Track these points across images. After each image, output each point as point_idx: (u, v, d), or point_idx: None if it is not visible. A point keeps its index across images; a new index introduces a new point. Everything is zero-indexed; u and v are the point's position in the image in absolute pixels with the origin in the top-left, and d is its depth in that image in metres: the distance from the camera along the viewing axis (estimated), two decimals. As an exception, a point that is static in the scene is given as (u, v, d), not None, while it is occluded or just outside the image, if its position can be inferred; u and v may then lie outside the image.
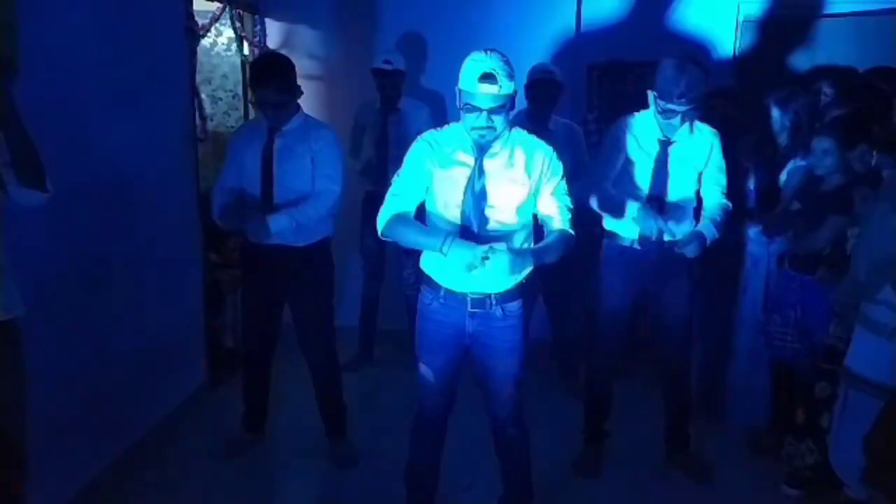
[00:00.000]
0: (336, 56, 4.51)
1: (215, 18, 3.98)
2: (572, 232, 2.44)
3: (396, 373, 4.08)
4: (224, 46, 4.44)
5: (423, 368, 2.56)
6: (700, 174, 3.02)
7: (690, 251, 2.89)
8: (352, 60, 4.46)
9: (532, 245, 2.46)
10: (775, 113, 3.46)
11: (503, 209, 2.38)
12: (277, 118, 3.02)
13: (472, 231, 2.36)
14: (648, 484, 3.19)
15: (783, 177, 3.38)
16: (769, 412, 3.46)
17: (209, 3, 3.97)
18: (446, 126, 2.48)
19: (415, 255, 2.66)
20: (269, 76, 2.95)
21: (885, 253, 2.33)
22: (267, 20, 4.51)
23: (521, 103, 3.61)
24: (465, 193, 2.36)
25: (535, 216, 2.49)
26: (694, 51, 2.98)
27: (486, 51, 2.29)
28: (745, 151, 3.54)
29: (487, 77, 2.23)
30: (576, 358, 3.97)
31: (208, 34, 4.33)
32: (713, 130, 3.02)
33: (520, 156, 2.39)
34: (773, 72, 4.21)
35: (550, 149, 2.43)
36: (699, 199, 3.07)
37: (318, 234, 3.12)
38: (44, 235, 2.57)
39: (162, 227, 3.45)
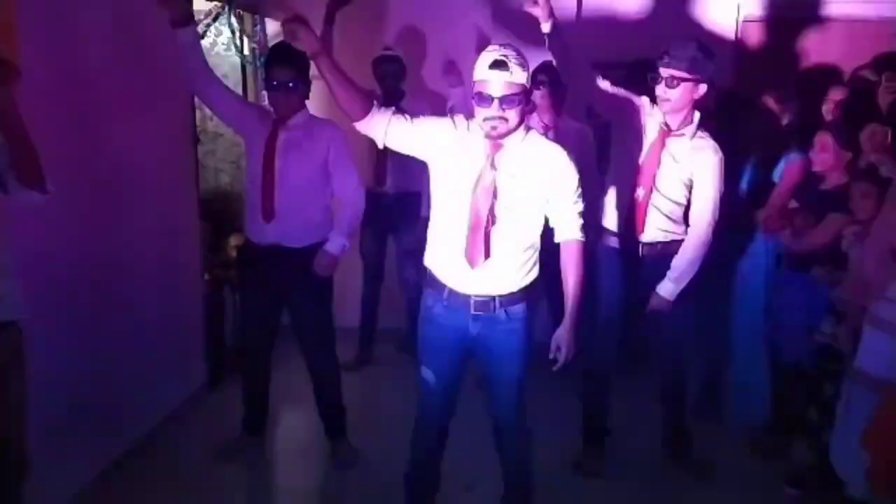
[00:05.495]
0: (336, 56, 4.49)
1: (213, 17, 3.99)
2: (583, 238, 2.45)
3: (396, 373, 4.09)
4: (224, 46, 4.44)
5: (425, 371, 2.56)
6: (688, 185, 2.95)
7: (662, 308, 3.00)
8: (352, 60, 4.43)
9: (538, 244, 2.47)
10: (773, 112, 3.48)
11: (513, 209, 2.37)
12: (286, 102, 3.03)
13: (482, 228, 2.35)
14: (648, 484, 3.19)
15: (777, 172, 3.39)
16: (769, 412, 3.46)
17: (209, 2, 3.97)
18: (473, 118, 2.41)
19: (416, 255, 2.66)
20: (286, 55, 3.00)
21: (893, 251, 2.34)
22: (267, 20, 4.51)
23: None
24: (475, 187, 2.35)
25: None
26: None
27: (500, 44, 2.30)
28: (745, 141, 3.54)
29: (499, 64, 2.23)
30: (577, 358, 3.96)
31: (208, 34, 4.34)
32: (716, 147, 2.93)
33: (534, 158, 2.38)
34: (773, 72, 4.21)
35: (565, 153, 2.42)
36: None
37: (317, 234, 3.12)
38: (43, 236, 2.57)
39: (162, 228, 3.45)
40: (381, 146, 2.46)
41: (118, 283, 3.11)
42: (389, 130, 2.39)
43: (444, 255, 2.45)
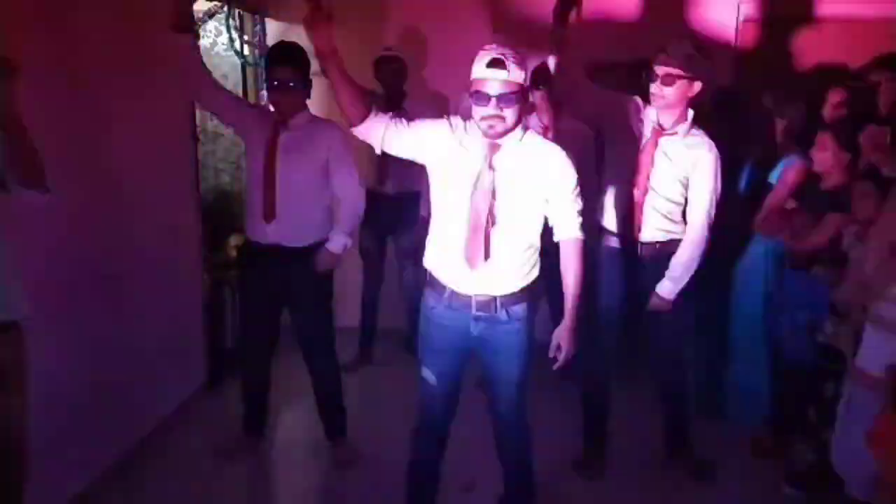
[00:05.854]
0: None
1: (210, 15, 3.99)
2: (582, 236, 2.46)
3: (396, 373, 4.08)
4: (224, 46, 4.44)
5: (426, 371, 2.55)
6: (684, 183, 2.94)
7: (663, 308, 3.00)
8: (352, 60, 4.44)
9: (538, 244, 2.47)
10: (773, 112, 3.48)
11: (512, 209, 2.37)
12: (287, 102, 3.03)
13: (481, 229, 2.35)
14: (648, 484, 3.19)
15: (775, 174, 3.39)
16: (769, 412, 3.46)
17: (209, 2, 3.97)
18: (470, 119, 2.41)
19: (415, 255, 2.66)
20: (287, 55, 3.03)
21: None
22: (267, 20, 4.52)
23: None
24: (473, 188, 2.36)
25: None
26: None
27: (497, 44, 2.31)
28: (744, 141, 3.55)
29: (496, 63, 2.23)
30: (577, 358, 3.96)
31: (208, 34, 4.34)
32: (710, 144, 2.92)
33: (532, 158, 2.38)
34: (772, 72, 4.22)
35: (563, 152, 2.42)
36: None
37: (317, 234, 3.12)
38: (43, 236, 2.57)
39: (162, 228, 3.45)
40: (378, 152, 2.47)
41: (118, 283, 3.11)
42: (386, 136, 2.41)
43: (444, 257, 2.46)
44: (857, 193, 2.86)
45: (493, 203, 2.35)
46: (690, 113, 2.92)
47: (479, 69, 2.26)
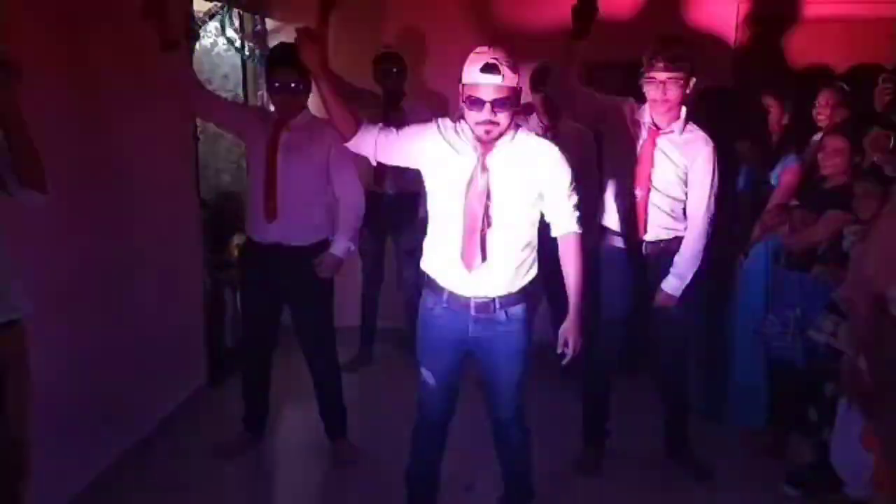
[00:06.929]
0: (336, 56, 4.50)
1: (210, 16, 4.00)
2: (580, 231, 2.45)
3: (396, 373, 4.08)
4: (224, 47, 4.44)
5: (425, 372, 2.56)
6: (684, 180, 2.95)
7: (668, 305, 3.01)
8: (352, 61, 4.45)
9: (535, 243, 2.47)
10: (774, 111, 3.48)
11: (508, 209, 2.37)
12: (289, 103, 3.05)
13: (477, 231, 2.35)
14: (648, 484, 3.19)
15: (774, 174, 3.38)
16: (769, 412, 3.46)
17: (209, 2, 3.97)
18: (461, 121, 2.41)
19: (415, 255, 2.66)
20: (289, 56, 2.99)
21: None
22: (267, 20, 4.52)
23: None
24: (467, 190, 2.36)
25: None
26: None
27: (489, 46, 2.29)
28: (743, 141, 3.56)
29: (490, 67, 2.22)
30: (577, 358, 3.96)
31: (208, 34, 4.34)
32: (706, 138, 2.94)
33: (525, 157, 2.38)
34: (771, 72, 4.22)
35: (557, 151, 2.42)
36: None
37: (318, 234, 3.13)
38: (44, 236, 2.57)
39: (162, 227, 3.45)
40: (373, 163, 2.49)
41: (118, 283, 3.11)
42: (378, 147, 2.43)
43: (441, 259, 2.45)
44: (859, 192, 2.86)
45: (489, 204, 2.35)
46: (683, 110, 2.93)
47: (473, 74, 2.25)
